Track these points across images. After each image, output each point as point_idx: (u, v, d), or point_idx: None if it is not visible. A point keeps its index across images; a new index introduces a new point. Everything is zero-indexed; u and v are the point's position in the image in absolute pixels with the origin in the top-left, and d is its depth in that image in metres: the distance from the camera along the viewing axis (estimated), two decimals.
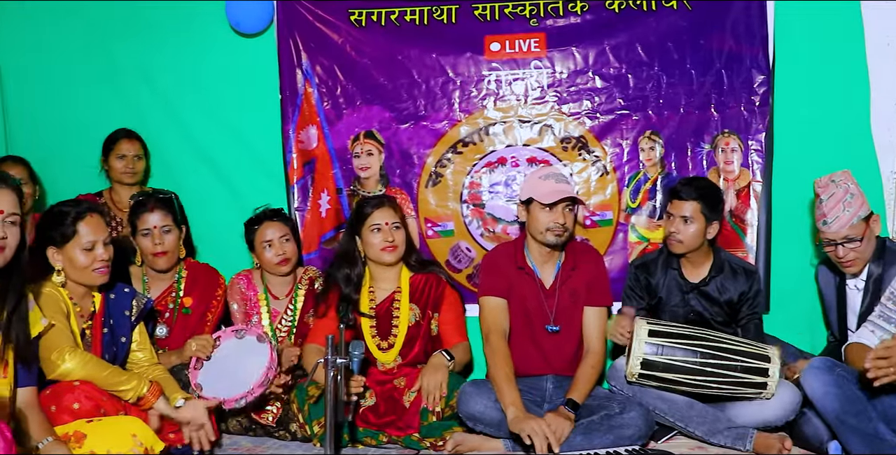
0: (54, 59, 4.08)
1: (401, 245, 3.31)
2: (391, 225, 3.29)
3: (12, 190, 2.22)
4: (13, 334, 2.26)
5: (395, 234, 3.29)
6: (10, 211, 2.19)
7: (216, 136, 3.97)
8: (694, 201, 3.15)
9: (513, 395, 2.89)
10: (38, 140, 4.10)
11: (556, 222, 3.06)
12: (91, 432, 2.39)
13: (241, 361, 3.06)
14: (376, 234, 3.28)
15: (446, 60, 3.78)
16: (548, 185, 3.08)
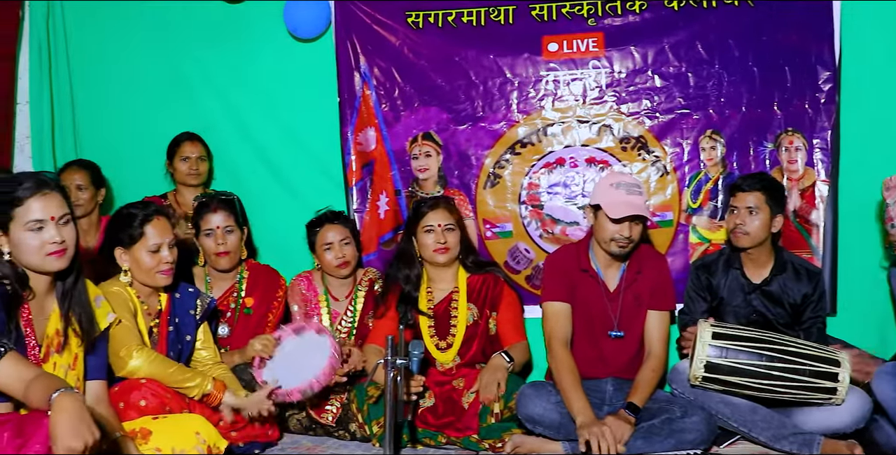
0: (122, 65, 4.19)
1: (454, 246, 3.31)
2: (444, 227, 3.30)
3: (58, 192, 2.27)
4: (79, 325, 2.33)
5: (448, 235, 3.30)
6: (60, 213, 2.24)
7: (276, 139, 4.03)
8: (758, 192, 3.08)
9: (581, 401, 2.86)
10: (107, 144, 4.21)
11: (622, 234, 3.00)
12: (157, 429, 2.43)
13: (304, 357, 3.10)
14: (429, 236, 3.30)
15: (504, 61, 3.77)
16: (618, 196, 2.99)
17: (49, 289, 2.31)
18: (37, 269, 2.23)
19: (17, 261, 2.22)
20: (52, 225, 2.21)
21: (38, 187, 2.21)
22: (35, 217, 2.19)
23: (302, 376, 3.02)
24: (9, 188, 2.20)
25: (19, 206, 2.18)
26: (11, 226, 2.19)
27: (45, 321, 2.30)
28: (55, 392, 1.76)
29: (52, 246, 2.20)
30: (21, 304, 2.23)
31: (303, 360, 3.08)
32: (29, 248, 2.19)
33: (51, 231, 2.20)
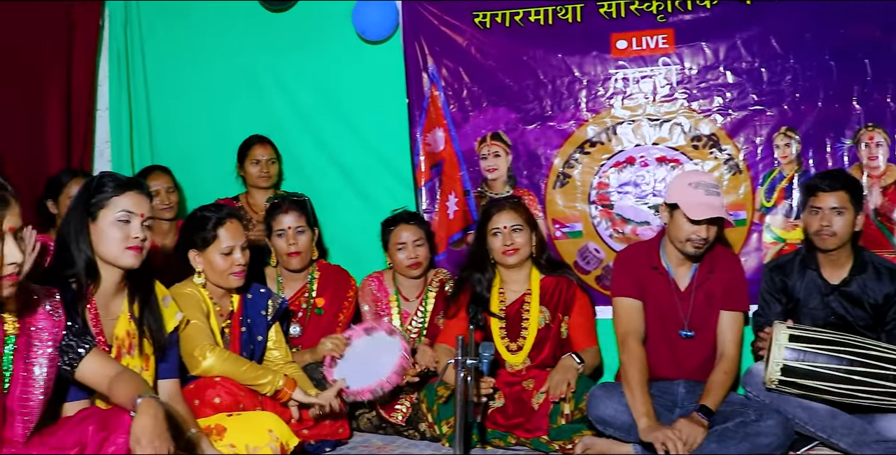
0: (195, 71, 4.30)
1: (522, 247, 3.29)
2: (510, 228, 3.28)
3: (147, 196, 2.39)
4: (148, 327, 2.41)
5: (516, 236, 3.28)
6: (147, 214, 2.36)
7: (346, 140, 4.08)
8: (841, 191, 2.98)
9: (645, 403, 2.82)
10: (180, 148, 4.33)
11: (699, 235, 2.94)
12: (231, 426, 2.50)
13: (374, 356, 3.13)
14: (496, 239, 3.29)
15: (572, 60, 3.74)
16: (697, 197, 2.92)
17: (117, 289, 2.39)
18: (112, 261, 2.32)
19: (96, 251, 2.31)
20: (139, 221, 2.32)
21: (134, 185, 2.35)
22: (127, 208, 2.30)
23: (372, 376, 3.05)
24: (109, 179, 2.34)
25: (115, 196, 2.30)
26: (101, 214, 2.30)
27: (114, 322, 2.38)
28: (139, 397, 1.81)
29: (133, 240, 2.30)
30: (85, 300, 2.31)
31: (373, 360, 3.12)
32: (112, 238, 2.29)
33: (136, 226, 2.31)
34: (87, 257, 2.30)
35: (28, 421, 1.91)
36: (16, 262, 1.79)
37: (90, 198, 2.32)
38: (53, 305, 2.02)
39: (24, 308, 1.95)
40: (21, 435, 1.89)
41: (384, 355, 3.11)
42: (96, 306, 2.33)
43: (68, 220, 2.35)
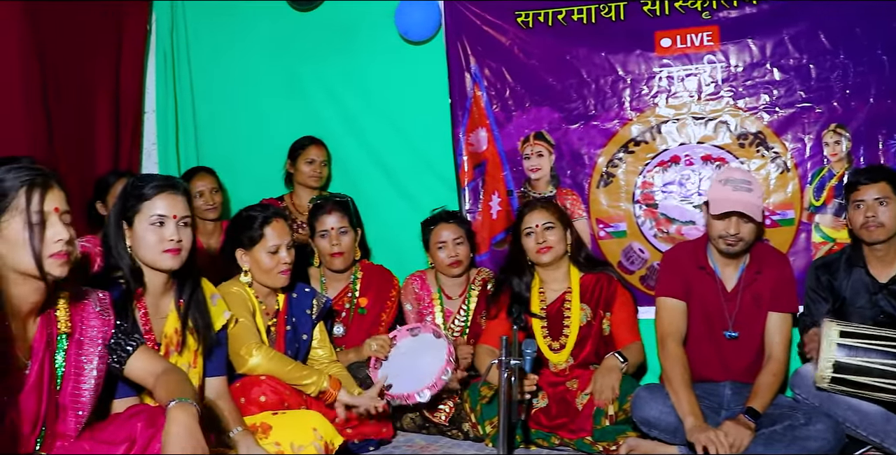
0: (239, 74, 4.36)
1: (556, 244, 3.28)
2: (542, 226, 3.27)
3: (183, 195, 2.40)
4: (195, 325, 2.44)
5: (548, 234, 3.27)
6: (182, 214, 2.37)
7: (389, 141, 4.10)
8: (882, 182, 2.93)
9: (691, 403, 2.79)
10: (225, 149, 4.38)
11: (727, 232, 2.91)
12: (276, 424, 2.52)
13: (419, 358, 3.14)
14: (529, 238, 3.29)
15: (615, 58, 3.71)
16: (723, 192, 2.93)
17: (165, 289, 2.42)
18: (151, 264, 2.35)
19: (136, 255, 2.35)
20: (173, 223, 2.33)
21: (166, 187, 2.35)
22: (158, 212, 2.32)
23: (417, 379, 3.06)
24: (140, 183, 2.36)
25: (146, 201, 2.32)
26: (136, 219, 2.33)
27: (163, 321, 2.42)
28: (170, 402, 1.81)
29: (169, 243, 2.32)
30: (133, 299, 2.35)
31: (418, 362, 3.13)
32: (148, 242, 2.32)
33: (170, 228, 2.33)
34: (129, 263, 2.34)
35: (80, 416, 1.95)
36: (62, 239, 1.82)
37: (125, 204, 2.35)
38: (103, 305, 2.06)
39: (76, 308, 2.00)
40: (73, 430, 1.93)
41: (429, 358, 3.12)
42: (146, 305, 2.38)
43: (108, 227, 2.39)
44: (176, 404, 1.79)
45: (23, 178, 1.80)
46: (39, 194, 1.80)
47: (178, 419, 1.76)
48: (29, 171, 1.82)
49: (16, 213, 1.78)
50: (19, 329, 1.87)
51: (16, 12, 3.52)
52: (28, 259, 1.79)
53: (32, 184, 1.80)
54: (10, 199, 1.78)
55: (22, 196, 1.78)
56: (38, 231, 1.79)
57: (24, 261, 1.79)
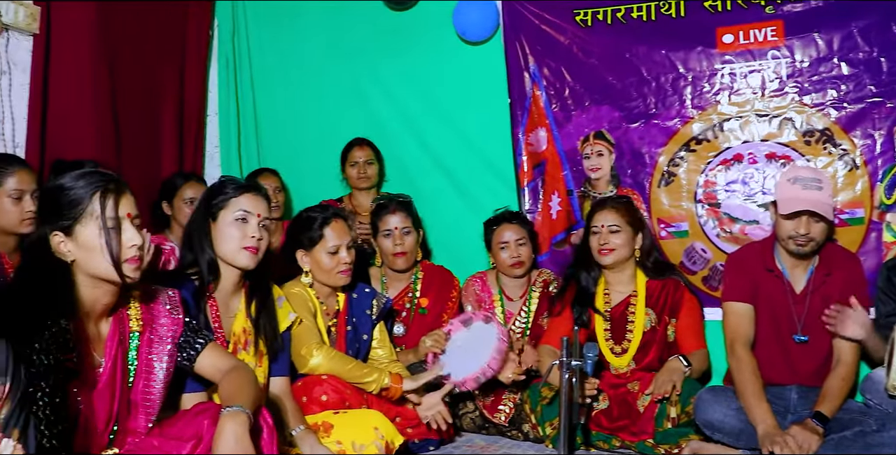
0: (300, 76, 4.43)
1: (618, 248, 3.23)
2: (607, 228, 3.23)
3: (265, 198, 2.49)
4: (263, 327, 2.48)
5: (611, 237, 3.22)
6: (264, 215, 2.44)
7: (448, 141, 4.11)
8: None
9: (762, 409, 2.72)
10: (286, 151, 4.45)
11: (798, 231, 2.84)
12: (337, 423, 2.55)
13: (474, 347, 3.15)
14: (594, 238, 3.26)
15: (676, 56, 3.66)
16: (792, 191, 2.85)
17: (236, 288, 2.48)
18: (230, 260, 2.41)
19: (216, 250, 2.42)
20: (256, 221, 2.41)
21: (251, 187, 2.45)
22: (244, 208, 2.39)
23: (473, 365, 3.06)
24: (228, 182, 2.46)
25: (233, 198, 2.40)
26: (221, 214, 2.40)
27: (231, 319, 2.47)
28: (225, 409, 1.83)
29: (250, 240, 2.38)
30: (206, 296, 2.40)
31: (474, 351, 3.13)
32: (230, 237, 2.39)
33: (253, 226, 2.40)
34: (209, 256, 2.41)
35: (149, 413, 1.99)
36: (136, 244, 1.87)
37: (212, 199, 2.44)
38: (173, 304, 2.10)
39: (146, 306, 2.04)
40: (143, 426, 1.98)
41: (483, 344, 3.12)
42: (217, 303, 2.43)
43: (193, 221, 2.48)
44: (228, 413, 1.81)
45: (95, 184, 1.84)
46: (113, 200, 1.85)
47: (228, 429, 1.77)
48: (99, 177, 1.86)
49: (90, 220, 1.82)
50: (93, 329, 1.92)
51: (88, 20, 3.63)
52: (105, 264, 1.83)
53: (105, 190, 1.84)
54: (83, 207, 1.82)
55: (95, 203, 1.82)
56: (115, 237, 1.83)
57: (101, 266, 1.84)
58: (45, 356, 1.75)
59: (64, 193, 1.83)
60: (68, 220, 1.82)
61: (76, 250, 1.84)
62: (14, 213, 2.70)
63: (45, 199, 1.90)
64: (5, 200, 2.70)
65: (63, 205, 1.83)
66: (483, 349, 3.10)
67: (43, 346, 1.75)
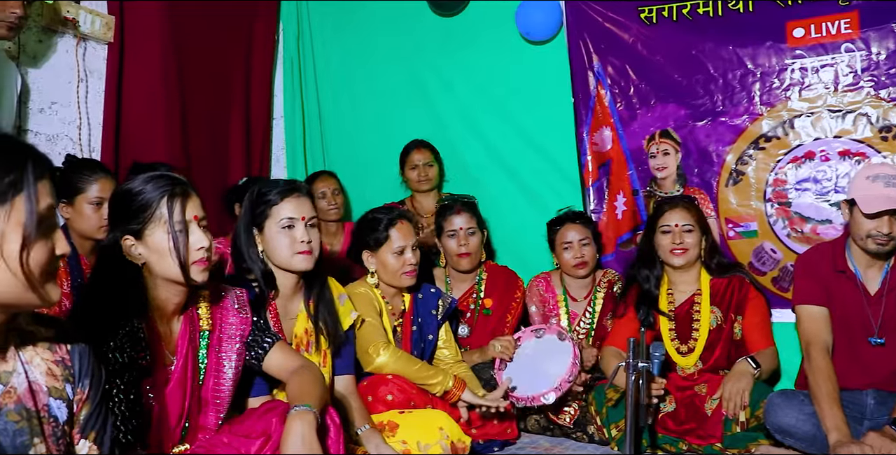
0: (363, 79, 4.48)
1: (691, 248, 3.18)
2: (681, 227, 3.18)
3: (307, 196, 2.48)
4: (323, 322, 2.50)
5: (685, 236, 3.17)
6: (309, 215, 2.45)
7: (512, 141, 4.11)
8: None
9: (836, 417, 2.63)
10: (350, 153, 4.50)
11: (879, 231, 2.72)
12: (403, 423, 2.56)
13: (544, 360, 3.12)
14: (665, 237, 3.20)
15: (744, 52, 3.58)
16: (874, 189, 2.72)
17: (295, 290, 2.50)
18: (285, 267, 2.43)
19: (269, 259, 2.44)
20: (302, 224, 2.41)
21: (291, 190, 2.43)
22: (287, 215, 2.40)
23: (541, 381, 3.04)
24: (265, 190, 2.44)
25: (274, 206, 2.40)
26: (266, 224, 2.42)
27: (293, 321, 2.50)
28: (292, 408, 1.85)
29: (300, 245, 2.40)
30: (267, 303, 2.43)
31: (542, 364, 3.11)
32: (280, 245, 2.40)
33: (300, 230, 2.41)
34: (261, 268, 2.43)
35: (219, 410, 2.04)
36: (203, 246, 1.91)
37: (255, 210, 2.44)
38: (241, 303, 2.14)
39: (216, 306, 2.09)
40: (213, 423, 2.02)
41: (554, 360, 3.10)
42: (276, 307, 2.46)
43: (238, 234, 2.47)
44: (295, 412, 1.83)
45: (163, 188, 1.88)
46: (180, 203, 1.89)
47: (295, 428, 1.79)
48: (167, 181, 1.90)
49: (159, 224, 1.87)
50: (165, 328, 1.97)
51: (158, 28, 3.73)
52: (174, 267, 1.87)
53: (173, 194, 1.88)
54: (152, 210, 1.86)
55: (164, 206, 1.87)
56: (182, 240, 1.88)
57: (170, 268, 1.88)
58: (119, 354, 1.81)
59: (133, 198, 1.88)
60: (138, 223, 1.87)
61: (146, 253, 1.89)
62: (94, 219, 2.80)
63: (116, 203, 1.95)
64: (86, 207, 2.80)
65: (133, 209, 1.88)
66: (553, 367, 3.07)
67: (117, 344, 1.81)
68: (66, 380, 1.41)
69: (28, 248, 1.22)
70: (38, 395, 1.35)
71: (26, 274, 1.22)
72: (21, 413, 1.32)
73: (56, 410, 1.38)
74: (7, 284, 1.22)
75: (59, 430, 1.38)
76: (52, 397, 1.38)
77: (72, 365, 1.42)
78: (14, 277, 1.21)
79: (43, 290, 1.25)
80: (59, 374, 1.40)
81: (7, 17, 2.77)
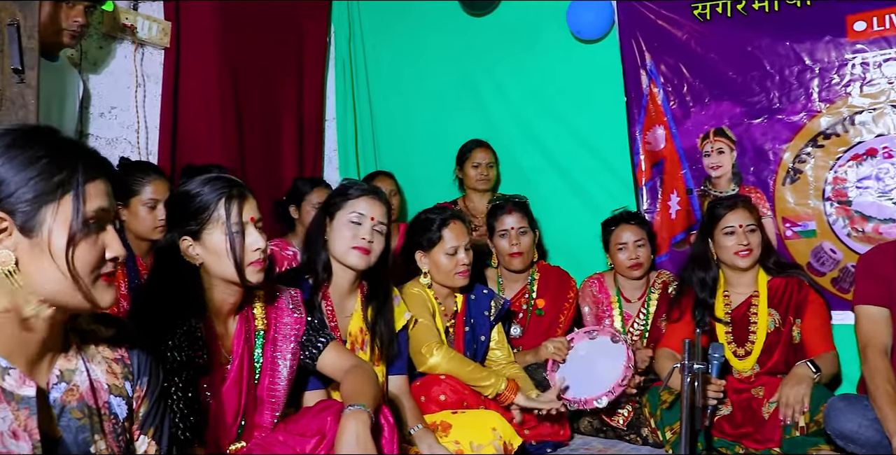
0: (414, 80, 4.49)
1: (756, 248, 3.12)
2: (746, 228, 3.12)
3: (383, 203, 2.52)
4: (379, 334, 2.53)
5: (751, 237, 3.11)
6: (379, 219, 2.48)
7: (563, 141, 4.08)
8: None
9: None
10: (401, 154, 4.52)
11: None
12: (456, 423, 2.56)
13: (597, 363, 3.10)
14: (730, 238, 3.12)
15: (802, 47, 3.49)
16: None
17: (352, 289, 2.53)
18: (340, 259, 2.47)
19: (330, 250, 2.48)
20: (370, 224, 2.45)
21: (371, 191, 2.51)
22: (359, 210, 2.45)
23: (594, 383, 3.02)
24: (349, 185, 2.53)
25: (351, 199, 2.46)
26: (338, 214, 2.47)
27: (347, 319, 2.52)
28: (347, 407, 1.87)
29: (360, 241, 2.43)
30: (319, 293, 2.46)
31: (596, 366, 3.09)
32: (341, 236, 2.45)
33: (366, 228, 2.44)
34: (324, 255, 2.48)
35: (275, 409, 2.07)
36: (259, 247, 1.94)
37: (330, 200, 2.52)
38: (295, 303, 2.17)
39: (270, 306, 2.12)
40: (269, 421, 2.05)
41: (607, 362, 3.07)
42: (332, 303, 2.49)
43: (314, 221, 2.56)
44: (349, 412, 1.84)
45: (220, 190, 1.92)
46: (237, 205, 1.92)
47: (349, 428, 1.81)
48: (224, 183, 1.94)
49: (216, 225, 1.91)
50: (221, 328, 2.01)
51: (213, 33, 3.80)
52: (230, 267, 1.91)
53: (230, 195, 1.92)
54: (210, 212, 1.90)
55: (221, 208, 1.90)
56: (239, 241, 1.91)
57: (227, 269, 1.92)
58: (177, 353, 1.85)
59: (191, 199, 1.92)
60: (196, 225, 1.91)
61: (204, 254, 1.92)
62: (148, 220, 2.87)
63: (174, 204, 1.99)
64: (141, 208, 2.87)
65: (191, 210, 1.91)
66: (606, 369, 3.05)
67: (175, 343, 1.85)
68: (126, 378, 1.44)
69: (74, 247, 1.24)
70: (99, 392, 1.39)
71: (73, 273, 1.24)
72: (83, 410, 1.35)
73: (116, 408, 1.41)
74: (55, 282, 1.25)
75: (119, 427, 1.41)
76: (112, 395, 1.41)
77: (131, 363, 1.45)
78: (62, 276, 1.24)
79: (91, 293, 1.28)
80: (118, 372, 1.43)
81: (70, 25, 2.86)
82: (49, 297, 1.25)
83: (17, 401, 1.25)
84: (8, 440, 1.23)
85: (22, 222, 1.22)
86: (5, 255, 1.21)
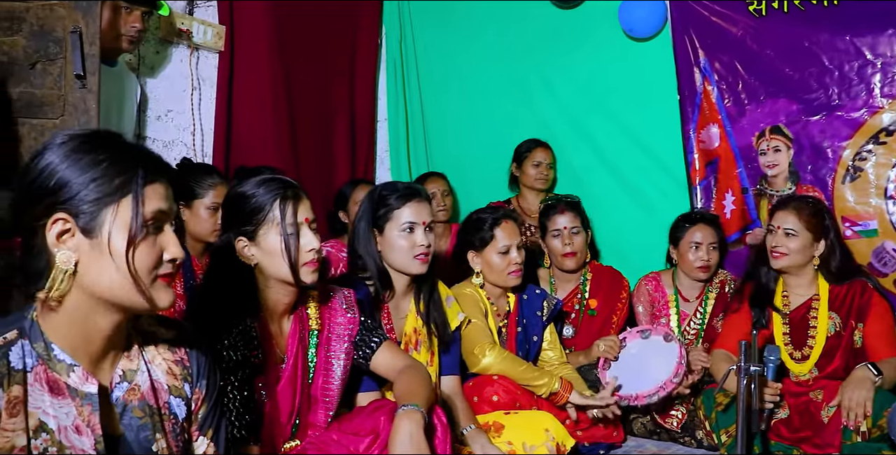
0: (465, 79, 4.49)
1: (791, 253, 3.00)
2: (782, 230, 3.01)
3: (427, 201, 2.51)
4: (433, 320, 2.53)
5: (785, 240, 3.00)
6: (428, 221, 2.48)
7: (616, 140, 4.05)
8: None
9: None
10: (453, 154, 4.53)
11: None
12: (509, 424, 2.56)
13: (649, 361, 3.07)
14: (769, 237, 3.07)
15: (862, 41, 3.40)
16: None
17: (407, 290, 2.54)
18: (402, 269, 2.47)
19: (386, 260, 2.48)
20: (422, 229, 2.45)
21: (412, 195, 2.47)
22: (409, 220, 2.43)
23: (647, 381, 2.99)
24: (387, 193, 2.48)
25: (396, 210, 2.44)
26: (388, 227, 2.45)
27: (403, 320, 2.54)
28: (400, 407, 1.87)
29: (419, 249, 2.43)
30: (382, 303, 2.48)
31: (648, 364, 3.06)
32: (400, 248, 2.44)
33: (420, 234, 2.44)
34: (378, 268, 2.47)
35: (328, 408, 2.09)
36: (314, 248, 1.96)
37: (376, 211, 2.48)
38: (348, 303, 2.19)
39: (324, 306, 2.14)
40: (323, 420, 2.08)
41: (659, 360, 3.04)
42: (388, 306, 2.51)
43: (357, 233, 2.52)
44: (403, 411, 1.85)
45: (275, 191, 1.95)
46: (292, 206, 1.95)
47: (403, 427, 1.81)
48: (279, 184, 1.97)
49: (271, 226, 1.93)
50: (275, 327, 2.04)
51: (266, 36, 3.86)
52: (285, 268, 1.93)
53: (285, 197, 1.94)
54: (266, 213, 1.93)
55: (276, 209, 1.93)
56: (294, 242, 1.93)
57: (281, 269, 1.94)
58: (233, 353, 1.88)
59: (246, 201, 1.95)
60: (251, 225, 1.94)
61: (259, 254, 1.95)
62: (209, 223, 2.93)
63: (229, 206, 2.02)
64: (203, 211, 2.93)
65: (246, 212, 1.94)
66: (658, 367, 3.02)
67: (231, 343, 1.89)
68: (185, 379, 1.47)
69: (133, 248, 1.27)
70: (159, 392, 1.42)
71: (132, 273, 1.27)
72: (144, 409, 1.38)
73: (175, 408, 1.44)
74: (116, 282, 1.27)
75: (179, 427, 1.44)
76: (172, 395, 1.44)
77: (190, 366, 1.48)
78: (122, 276, 1.27)
79: (150, 293, 1.30)
80: (178, 373, 1.46)
81: (128, 31, 2.94)
82: (109, 297, 1.28)
83: (80, 397, 1.29)
84: (71, 435, 1.27)
85: (84, 224, 1.25)
86: (67, 255, 1.25)
